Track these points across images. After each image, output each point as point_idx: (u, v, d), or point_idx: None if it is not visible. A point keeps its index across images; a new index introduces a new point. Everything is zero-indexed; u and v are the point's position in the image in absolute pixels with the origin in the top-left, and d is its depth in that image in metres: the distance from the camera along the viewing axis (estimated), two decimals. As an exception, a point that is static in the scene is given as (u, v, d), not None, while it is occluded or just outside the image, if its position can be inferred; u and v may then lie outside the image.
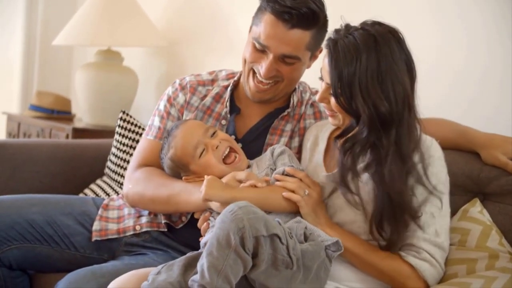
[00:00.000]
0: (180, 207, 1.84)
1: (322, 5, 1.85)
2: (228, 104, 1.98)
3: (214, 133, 1.83)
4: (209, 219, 1.78)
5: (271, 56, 1.83)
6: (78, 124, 3.44)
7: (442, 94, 2.24)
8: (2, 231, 1.94)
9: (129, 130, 2.56)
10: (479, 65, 2.16)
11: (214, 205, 1.68)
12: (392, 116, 1.54)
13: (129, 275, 1.68)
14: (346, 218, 1.67)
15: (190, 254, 1.60)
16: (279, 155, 1.80)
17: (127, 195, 1.96)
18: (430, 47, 2.27)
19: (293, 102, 1.97)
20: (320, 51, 1.91)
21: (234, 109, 1.99)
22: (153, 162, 1.96)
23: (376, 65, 1.54)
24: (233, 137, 1.92)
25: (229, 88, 2.01)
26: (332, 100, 1.62)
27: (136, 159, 2.00)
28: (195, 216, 1.88)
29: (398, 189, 1.55)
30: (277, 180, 1.71)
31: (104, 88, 3.35)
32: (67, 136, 3.22)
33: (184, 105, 2.00)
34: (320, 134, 1.85)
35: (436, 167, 1.61)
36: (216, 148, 1.79)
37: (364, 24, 1.61)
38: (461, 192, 1.75)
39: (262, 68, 1.85)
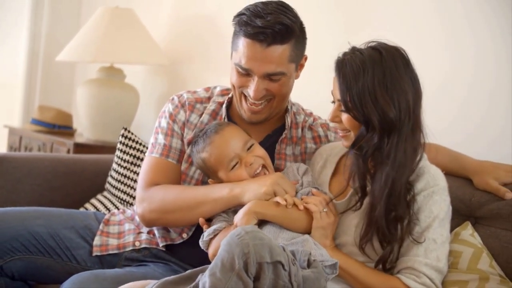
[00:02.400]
0: (207, 208, 1.82)
1: (295, 16, 1.86)
2: (225, 120, 1.99)
3: (251, 146, 1.82)
4: (220, 215, 1.83)
5: (256, 77, 1.84)
6: (78, 139, 3.49)
7: (449, 116, 2.26)
8: (6, 242, 1.97)
9: (130, 147, 2.60)
10: (487, 87, 2.17)
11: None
12: (397, 122, 1.61)
13: (128, 286, 1.70)
14: (345, 240, 1.73)
15: (184, 274, 1.61)
16: (304, 173, 1.83)
17: (143, 215, 1.93)
18: (438, 69, 2.29)
19: (288, 124, 1.99)
20: (306, 59, 1.93)
21: None
22: (162, 180, 1.95)
23: (382, 76, 1.61)
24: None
25: (224, 106, 2.00)
26: (344, 116, 1.67)
27: (145, 178, 1.97)
28: (204, 227, 1.86)
29: (394, 192, 1.62)
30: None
31: (105, 104, 3.40)
32: (68, 151, 3.27)
33: (185, 122, 2.01)
34: (329, 158, 1.89)
35: (441, 195, 1.68)
36: (250, 165, 1.80)
37: (369, 43, 1.69)
38: (454, 216, 1.78)
39: (251, 90, 1.86)
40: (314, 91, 2.43)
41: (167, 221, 1.93)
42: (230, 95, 2.02)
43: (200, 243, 1.80)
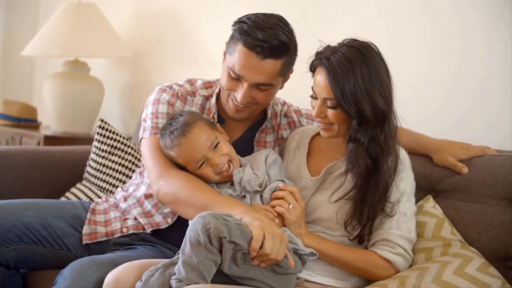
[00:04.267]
0: None
1: (291, 33, 1.93)
2: (216, 116, 2.07)
3: (217, 145, 1.89)
4: None
5: (245, 84, 1.91)
6: (45, 131, 3.55)
7: (436, 104, 2.34)
8: (1, 234, 2.04)
9: (108, 137, 2.72)
10: (476, 73, 2.25)
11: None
12: (386, 111, 1.74)
13: (125, 266, 1.80)
14: (324, 215, 1.84)
15: None
16: (271, 164, 1.91)
17: (158, 191, 1.94)
18: (425, 55, 2.37)
19: (269, 116, 2.11)
20: (291, 72, 2.01)
21: (220, 120, 2.09)
22: None
23: (368, 73, 1.73)
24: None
25: (213, 100, 2.08)
26: (331, 112, 1.77)
27: (161, 158, 1.97)
28: None
29: (386, 181, 1.76)
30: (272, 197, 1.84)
31: (72, 97, 3.49)
32: (38, 143, 3.34)
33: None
34: (301, 139, 2.00)
35: (406, 173, 1.83)
36: (216, 165, 1.88)
37: (343, 42, 1.79)
38: (416, 190, 1.90)
39: (238, 95, 1.94)
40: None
41: (176, 209, 1.97)
42: (216, 90, 2.10)
43: None
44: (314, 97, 1.82)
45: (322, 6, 2.75)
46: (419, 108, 2.33)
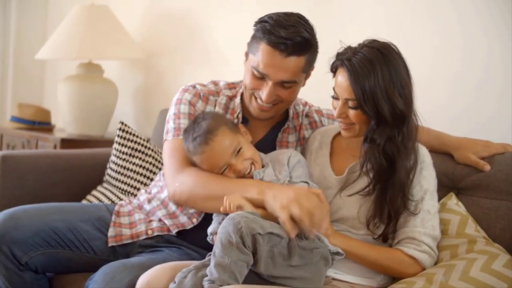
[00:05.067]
0: None
1: (312, 30, 1.96)
2: (240, 115, 2.09)
3: (239, 150, 1.89)
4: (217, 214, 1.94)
5: (270, 83, 1.94)
6: (61, 134, 3.58)
7: (439, 100, 2.37)
8: (29, 239, 2.06)
9: (128, 140, 2.75)
10: (477, 70, 2.28)
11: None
12: (405, 112, 1.76)
13: (157, 268, 1.81)
14: (348, 214, 1.87)
15: None
16: (295, 165, 1.92)
17: (174, 193, 1.98)
18: (427, 52, 2.39)
19: (291, 115, 2.13)
20: (313, 69, 2.03)
21: (243, 120, 2.11)
22: None
23: (388, 74, 1.75)
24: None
25: (238, 100, 2.10)
26: (352, 112, 1.79)
27: (175, 159, 2.01)
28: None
29: (403, 182, 1.78)
30: None
31: (86, 100, 3.51)
32: (55, 147, 3.37)
33: (203, 112, 2.07)
34: (323, 139, 2.03)
35: (428, 170, 1.85)
36: (239, 170, 1.89)
37: (364, 43, 1.81)
38: (438, 188, 1.92)
39: (263, 94, 1.96)
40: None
41: (196, 206, 2.01)
42: (240, 90, 2.11)
43: (208, 240, 1.91)
44: (335, 97, 1.84)
45: (322, 7, 2.78)
46: (420, 103, 2.34)
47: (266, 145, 2.11)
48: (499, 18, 2.24)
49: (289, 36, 1.89)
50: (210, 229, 1.91)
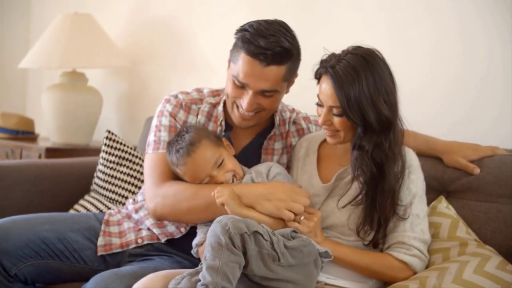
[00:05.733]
0: (219, 212, 1.82)
1: (294, 38, 1.93)
2: (223, 123, 2.08)
3: (222, 162, 1.91)
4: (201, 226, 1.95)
5: (250, 92, 1.92)
6: (45, 143, 3.55)
7: (438, 105, 2.37)
8: (19, 250, 2.03)
9: (115, 148, 2.73)
10: (477, 75, 2.28)
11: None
12: (391, 118, 1.76)
13: (150, 277, 1.80)
14: (337, 221, 1.86)
15: None
16: (275, 176, 1.92)
17: (154, 209, 1.97)
18: (425, 57, 2.39)
19: (277, 123, 2.11)
20: (296, 77, 2.01)
21: (227, 127, 2.09)
22: (172, 174, 1.99)
23: (373, 81, 1.74)
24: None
25: (220, 108, 2.09)
26: (336, 119, 1.79)
27: (155, 174, 2.01)
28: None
29: (393, 188, 1.78)
30: None
31: (71, 108, 3.49)
32: (39, 156, 3.34)
33: (185, 121, 2.08)
34: (310, 146, 2.02)
35: (416, 174, 1.85)
36: (221, 182, 1.89)
37: (348, 50, 1.80)
38: (428, 191, 1.93)
39: (243, 102, 1.94)
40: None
41: (180, 219, 2.01)
42: (223, 97, 2.10)
43: (193, 253, 1.93)
44: (320, 104, 1.84)
45: (309, 13, 2.78)
46: (419, 109, 2.36)
47: (251, 152, 2.11)
48: (499, 19, 2.24)
49: (268, 46, 1.87)
50: (195, 241, 1.92)
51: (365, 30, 2.17)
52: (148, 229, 2.15)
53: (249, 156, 2.07)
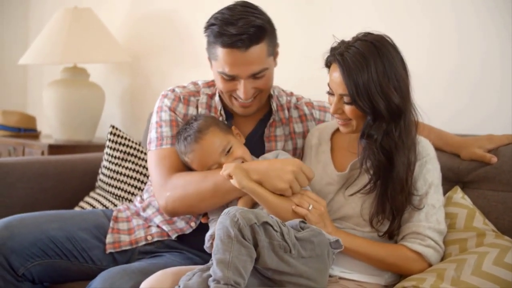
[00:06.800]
0: (229, 194, 1.87)
1: (261, 13, 1.93)
2: (223, 112, 2.06)
3: (230, 149, 1.90)
4: (213, 219, 1.93)
5: (242, 80, 1.92)
6: (48, 140, 3.51)
7: (437, 96, 2.35)
8: (26, 249, 2.00)
9: (120, 144, 2.69)
10: (475, 66, 2.26)
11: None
12: (402, 107, 1.73)
13: (160, 273, 1.77)
14: (351, 212, 1.84)
15: None
16: None
17: (166, 204, 1.95)
18: (423, 48, 2.37)
19: (275, 108, 2.09)
20: (278, 46, 2.00)
21: (227, 116, 2.08)
22: (178, 168, 1.98)
23: (382, 67, 1.71)
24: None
25: (217, 98, 2.07)
26: (348, 107, 1.76)
27: (162, 169, 1.99)
28: (202, 221, 2.01)
29: (402, 177, 1.74)
30: None
31: (73, 104, 3.45)
32: (42, 153, 3.29)
33: (185, 115, 2.07)
34: (322, 135, 1.99)
35: (433, 164, 1.82)
36: None
37: (358, 36, 1.78)
38: (443, 182, 1.90)
39: (240, 93, 1.94)
40: (288, 77, 2.52)
41: (191, 211, 1.98)
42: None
43: (205, 248, 1.89)
44: (331, 93, 1.82)
45: (313, 5, 2.75)
46: (419, 99, 2.33)
47: (255, 141, 2.09)
48: (496, 11, 2.23)
49: (241, 31, 1.86)
50: (209, 233, 1.87)
51: (360, 24, 2.18)
52: (158, 226, 2.11)
53: (253, 145, 2.05)
